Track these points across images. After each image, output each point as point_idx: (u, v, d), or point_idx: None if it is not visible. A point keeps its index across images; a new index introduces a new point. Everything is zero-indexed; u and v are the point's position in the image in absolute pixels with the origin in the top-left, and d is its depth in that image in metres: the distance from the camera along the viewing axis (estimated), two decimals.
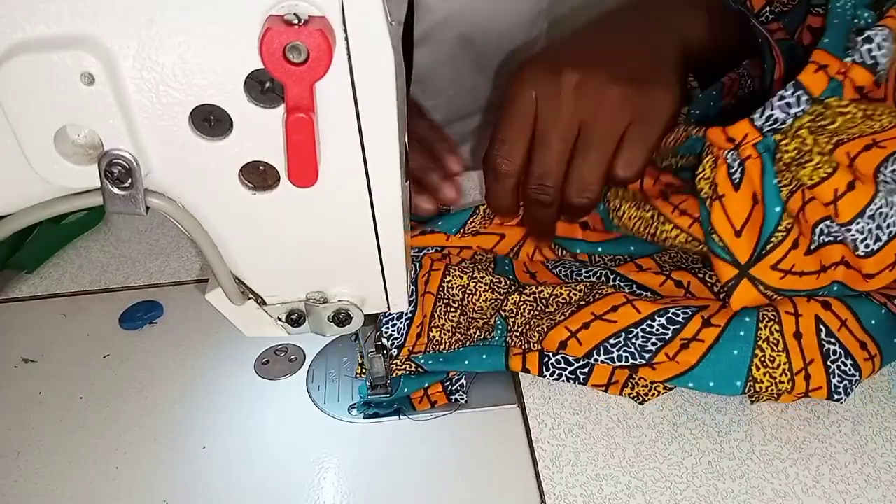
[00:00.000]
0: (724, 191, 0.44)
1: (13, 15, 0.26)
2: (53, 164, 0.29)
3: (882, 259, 0.43)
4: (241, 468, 0.45)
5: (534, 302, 0.50)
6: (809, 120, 0.42)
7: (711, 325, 0.45)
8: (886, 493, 0.41)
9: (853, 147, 0.42)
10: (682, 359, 0.44)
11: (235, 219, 0.33)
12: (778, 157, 0.43)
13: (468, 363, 0.49)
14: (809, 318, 0.45)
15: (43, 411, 0.50)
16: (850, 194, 0.42)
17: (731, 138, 0.43)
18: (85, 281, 0.62)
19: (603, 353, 0.45)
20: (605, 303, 0.47)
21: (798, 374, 0.44)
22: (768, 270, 0.44)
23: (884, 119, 0.41)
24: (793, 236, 0.44)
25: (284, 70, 0.27)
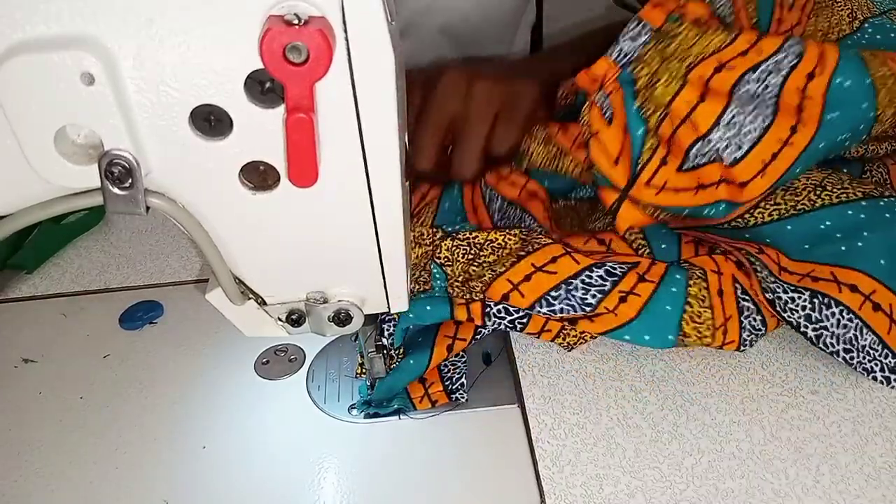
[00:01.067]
0: (598, 127, 0.49)
1: (13, 15, 0.26)
2: (53, 164, 0.29)
3: (749, 166, 0.46)
4: (241, 468, 0.45)
5: (467, 247, 0.51)
6: (653, 45, 0.48)
7: (646, 281, 0.47)
8: (886, 493, 0.41)
9: (704, 70, 0.46)
10: (620, 311, 0.46)
11: (235, 219, 0.33)
12: (637, 88, 0.48)
13: (413, 316, 0.49)
14: (728, 276, 0.49)
15: (43, 411, 0.50)
16: (702, 105, 0.46)
17: (594, 78, 0.49)
18: (85, 281, 0.62)
19: (545, 305, 0.47)
20: (545, 253, 0.49)
21: (718, 329, 0.47)
22: (643, 188, 0.48)
23: (718, 36, 0.46)
24: (660, 154, 0.48)
25: (284, 70, 0.26)
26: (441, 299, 0.50)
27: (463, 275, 0.51)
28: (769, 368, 0.49)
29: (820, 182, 0.50)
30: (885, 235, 0.47)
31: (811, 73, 0.45)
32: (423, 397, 0.49)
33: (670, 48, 0.47)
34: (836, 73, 0.45)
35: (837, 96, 0.45)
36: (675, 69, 0.46)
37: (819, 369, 0.49)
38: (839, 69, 0.45)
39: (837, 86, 0.45)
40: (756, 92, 0.46)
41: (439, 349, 0.49)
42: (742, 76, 0.45)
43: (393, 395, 0.49)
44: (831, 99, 0.45)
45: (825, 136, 0.46)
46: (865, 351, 0.47)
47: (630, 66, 0.48)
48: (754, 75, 0.45)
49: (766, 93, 0.45)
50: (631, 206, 0.49)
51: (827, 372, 0.49)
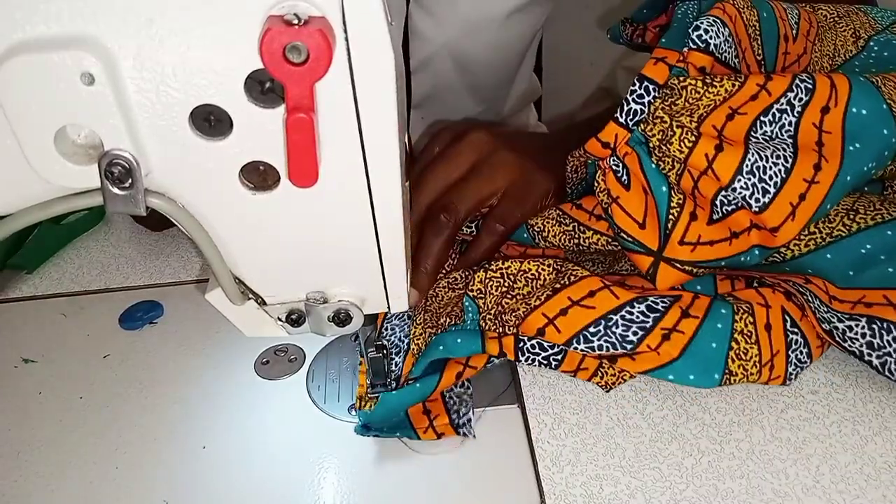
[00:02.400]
0: (618, 193, 0.47)
1: (13, 15, 0.26)
2: (53, 164, 0.29)
3: (778, 210, 0.44)
4: (241, 468, 0.45)
5: (500, 278, 0.49)
6: (661, 101, 0.46)
7: (690, 316, 0.45)
8: (886, 493, 0.41)
9: (716, 119, 0.44)
10: (663, 350, 0.44)
11: (235, 219, 0.33)
12: (652, 147, 0.46)
13: (443, 349, 0.47)
14: (777, 308, 0.46)
15: (43, 411, 0.50)
16: (721, 156, 0.44)
17: (605, 143, 0.47)
18: (85, 281, 0.62)
19: (583, 342, 0.45)
20: (582, 287, 0.47)
21: (765, 366, 0.45)
22: (677, 247, 0.46)
23: (725, 84, 0.44)
24: (688, 209, 0.46)
25: (284, 70, 0.27)
26: (472, 332, 0.48)
27: (496, 307, 0.49)
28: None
29: (851, 206, 0.48)
30: None
31: (825, 107, 0.44)
32: (428, 428, 0.47)
33: (679, 103, 0.45)
34: (851, 102, 0.44)
35: (856, 126, 0.44)
36: (687, 122, 0.45)
37: (819, 369, 0.49)
38: (853, 98, 0.44)
39: (854, 115, 0.44)
40: (772, 133, 0.44)
41: (448, 374, 0.47)
42: (755, 120, 0.44)
43: (394, 422, 0.47)
44: (850, 130, 0.44)
45: (851, 169, 0.44)
46: None
47: (640, 126, 0.46)
48: (767, 117, 0.44)
49: (782, 132, 0.44)
50: (668, 268, 0.47)
51: (827, 372, 0.49)
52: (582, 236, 0.52)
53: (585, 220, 0.52)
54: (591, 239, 0.52)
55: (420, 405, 0.48)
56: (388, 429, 0.46)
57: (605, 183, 0.48)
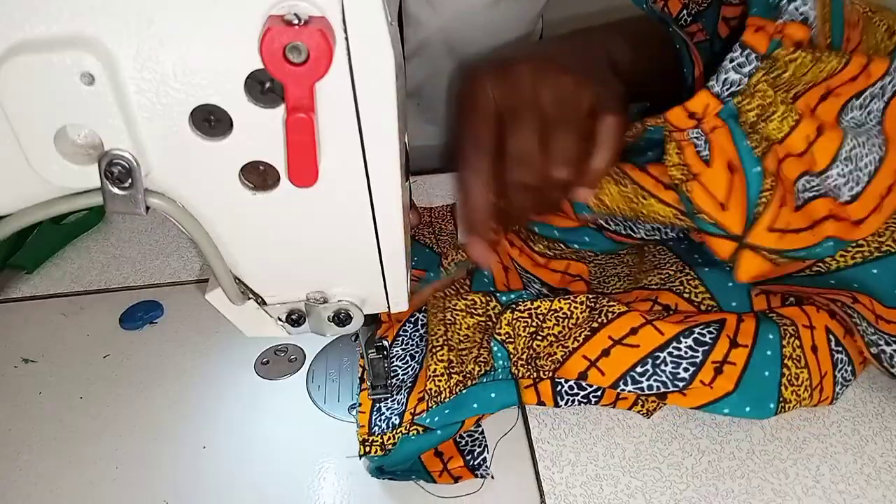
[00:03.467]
0: (698, 170, 0.43)
1: (13, 15, 0.26)
2: (53, 164, 0.29)
3: (867, 202, 0.42)
4: (241, 468, 0.45)
5: (528, 318, 0.46)
6: (764, 73, 0.41)
7: (739, 346, 0.43)
8: (886, 493, 0.41)
9: (811, 98, 0.41)
10: (717, 385, 0.42)
11: (235, 219, 0.33)
12: (742, 121, 0.42)
13: (477, 406, 0.44)
14: (821, 329, 0.45)
15: (43, 411, 0.50)
16: (822, 139, 0.41)
17: (692, 114, 0.42)
18: (85, 281, 0.62)
19: (631, 384, 0.43)
20: (622, 324, 0.44)
21: (815, 389, 0.44)
22: (765, 233, 0.42)
23: (832, 61, 0.41)
24: (779, 194, 0.42)
25: (284, 70, 0.26)
26: (506, 383, 0.45)
27: (527, 351, 0.46)
28: None
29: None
30: None
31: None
32: (443, 472, 0.44)
33: (785, 77, 0.41)
34: None
35: None
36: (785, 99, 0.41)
37: None
38: None
39: None
40: (861, 119, 0.42)
41: (469, 422, 0.45)
42: (847, 103, 0.41)
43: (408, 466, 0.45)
44: None
45: None
46: None
47: (735, 98, 0.42)
48: (858, 101, 0.42)
49: (870, 118, 0.42)
50: (751, 254, 0.43)
51: None
52: (643, 203, 0.47)
53: (650, 187, 0.47)
54: (654, 207, 0.47)
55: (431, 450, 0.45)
56: (401, 472, 0.44)
57: (681, 157, 0.44)
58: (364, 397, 0.48)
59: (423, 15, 0.70)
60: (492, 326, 0.48)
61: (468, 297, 0.49)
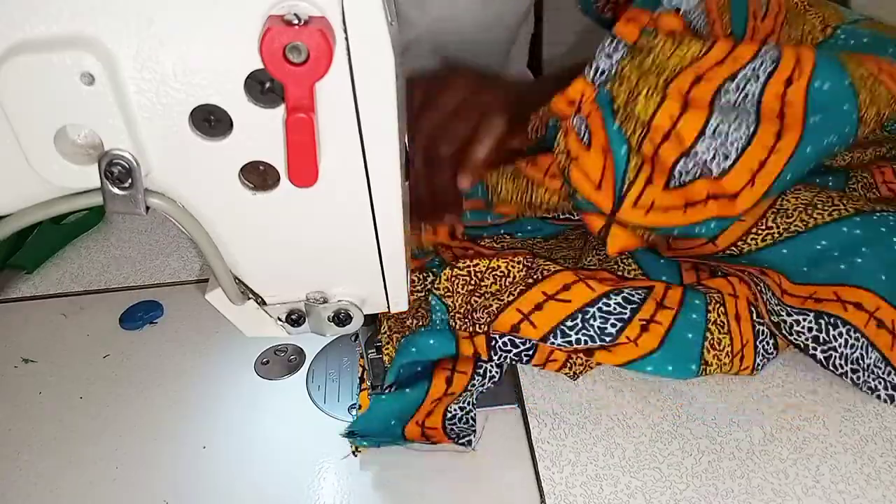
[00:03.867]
0: (577, 153, 0.47)
1: (13, 15, 0.26)
2: (53, 164, 0.29)
3: (738, 176, 0.44)
4: (241, 468, 0.45)
5: (468, 276, 0.49)
6: (629, 60, 0.45)
7: (666, 308, 0.46)
8: (886, 493, 0.41)
9: (682, 83, 0.44)
10: (642, 342, 0.45)
11: (235, 219, 0.33)
12: (616, 107, 0.46)
13: (416, 350, 0.47)
14: (743, 299, 0.48)
15: (43, 411, 0.50)
16: (686, 116, 0.44)
17: (571, 101, 0.47)
18: (85, 281, 0.62)
19: (560, 336, 0.45)
20: (556, 281, 0.46)
21: (736, 356, 0.46)
22: (631, 210, 0.46)
23: (693, 46, 0.44)
24: (645, 174, 0.46)
25: (284, 70, 0.26)
26: (444, 333, 0.48)
27: (465, 306, 0.48)
28: (769, 368, 0.49)
29: (810, 201, 0.49)
30: (882, 250, 0.46)
31: (789, 79, 0.44)
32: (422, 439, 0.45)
33: (647, 62, 0.45)
34: (815, 76, 0.44)
35: (818, 100, 0.44)
36: (654, 83, 0.45)
37: (819, 370, 0.49)
38: (817, 72, 0.44)
39: (817, 89, 0.44)
40: (736, 101, 0.45)
41: (437, 381, 0.46)
42: (721, 86, 0.44)
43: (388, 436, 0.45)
44: (812, 103, 0.44)
45: (811, 141, 0.45)
46: (870, 370, 0.46)
47: (607, 84, 0.46)
48: (733, 84, 0.44)
49: (746, 101, 0.45)
50: (619, 230, 0.47)
51: (826, 372, 0.49)
52: (534, 193, 0.53)
53: (539, 179, 0.53)
54: (543, 197, 0.53)
55: (418, 430, 0.46)
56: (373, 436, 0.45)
57: (565, 143, 0.48)
58: (364, 397, 0.48)
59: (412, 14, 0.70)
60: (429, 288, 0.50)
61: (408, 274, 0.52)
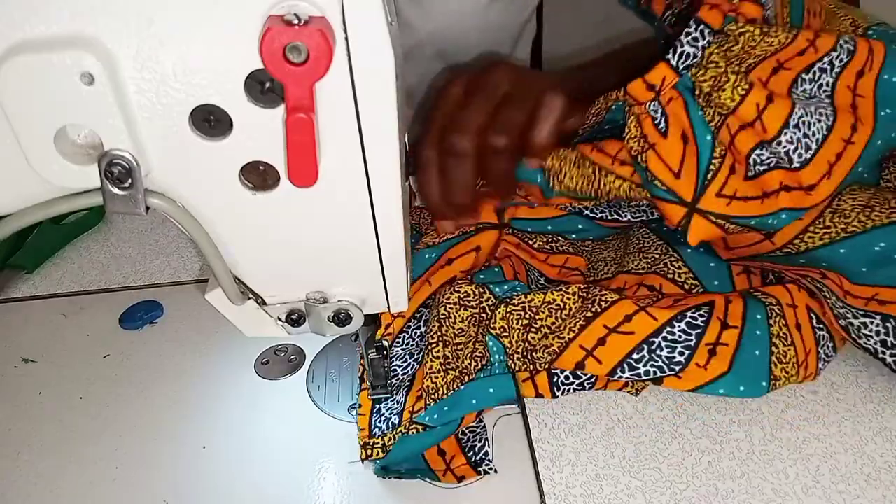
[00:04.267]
0: (655, 140, 0.46)
1: (13, 15, 0.26)
2: (53, 164, 0.29)
3: (817, 168, 0.44)
4: (241, 468, 0.45)
5: (522, 311, 0.47)
6: (717, 46, 0.44)
7: (730, 327, 0.45)
8: (886, 493, 0.41)
9: (762, 72, 0.44)
10: (711, 366, 0.44)
11: (235, 219, 0.33)
12: (698, 93, 0.45)
13: (476, 402, 0.45)
14: (803, 307, 0.47)
15: (43, 411, 0.50)
16: (772, 107, 0.43)
17: (651, 86, 0.45)
18: (85, 281, 0.62)
19: (628, 370, 0.44)
20: (616, 312, 0.45)
21: (801, 365, 0.45)
22: (714, 199, 0.45)
23: (780, 35, 0.44)
24: (728, 161, 0.45)
25: (284, 70, 0.26)
26: (503, 377, 0.46)
27: (522, 345, 0.47)
28: None
29: (867, 203, 0.47)
30: None
31: (861, 71, 0.44)
32: (447, 472, 0.44)
33: (735, 49, 0.44)
34: (884, 69, 0.44)
35: (887, 93, 0.44)
36: (739, 71, 0.44)
37: None
38: (886, 65, 0.44)
39: (885, 82, 0.44)
40: (811, 92, 0.44)
41: (469, 417, 0.45)
42: (797, 76, 0.44)
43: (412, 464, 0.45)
44: (881, 96, 0.44)
45: (882, 134, 0.44)
46: None
47: (691, 70, 0.45)
48: (809, 75, 0.44)
49: (821, 92, 0.44)
50: (701, 219, 0.45)
51: (827, 372, 0.49)
52: (603, 180, 0.50)
53: (608, 165, 0.50)
54: (613, 184, 0.50)
55: (434, 446, 0.46)
56: (406, 471, 0.45)
57: (639, 129, 0.46)
58: (364, 397, 0.48)
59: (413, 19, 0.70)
60: (486, 319, 0.48)
61: (461, 289, 0.50)
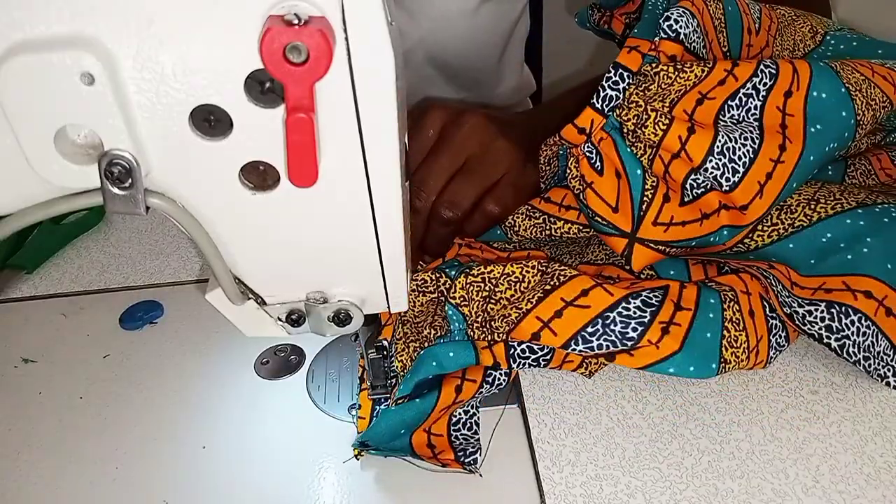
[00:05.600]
0: (591, 178, 0.49)
1: (13, 15, 0.26)
2: (53, 164, 0.29)
3: (747, 189, 0.46)
4: (241, 468, 0.45)
5: (482, 283, 0.48)
6: (635, 87, 0.48)
7: (683, 308, 0.45)
8: (886, 493, 0.41)
9: (687, 104, 0.47)
10: (664, 344, 0.44)
11: (235, 219, 0.33)
12: (625, 132, 0.48)
13: (436, 364, 0.45)
14: (756, 295, 0.48)
15: (43, 411, 0.50)
16: (694, 137, 0.46)
17: (581, 129, 0.49)
18: (85, 281, 0.62)
19: (582, 343, 0.44)
20: (573, 286, 0.46)
21: (752, 351, 0.46)
22: (651, 228, 0.48)
23: (695, 70, 0.47)
24: (661, 191, 0.48)
25: (284, 70, 0.26)
26: (463, 344, 0.47)
27: (482, 314, 0.47)
28: (769, 368, 0.49)
29: (812, 196, 0.50)
30: (886, 239, 0.47)
31: (788, 91, 0.46)
32: (432, 458, 0.45)
33: (652, 88, 0.47)
34: (812, 87, 0.46)
35: (817, 109, 0.46)
36: (660, 108, 0.47)
37: (819, 369, 0.49)
38: (813, 83, 0.46)
39: (815, 99, 0.46)
40: (740, 117, 0.47)
41: (447, 390, 0.45)
42: (723, 104, 0.46)
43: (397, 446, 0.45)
44: (811, 113, 0.46)
45: (813, 150, 0.46)
46: (880, 357, 0.46)
47: (615, 111, 0.48)
48: (734, 101, 0.46)
49: (749, 116, 0.47)
50: (642, 248, 0.48)
51: (827, 372, 0.49)
52: (553, 227, 0.55)
53: (555, 212, 0.55)
54: (563, 228, 0.55)
55: (424, 437, 0.46)
56: (386, 449, 0.45)
57: (578, 169, 0.50)
58: (364, 397, 0.48)
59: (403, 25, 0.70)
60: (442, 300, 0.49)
61: (418, 276, 0.50)
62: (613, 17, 0.62)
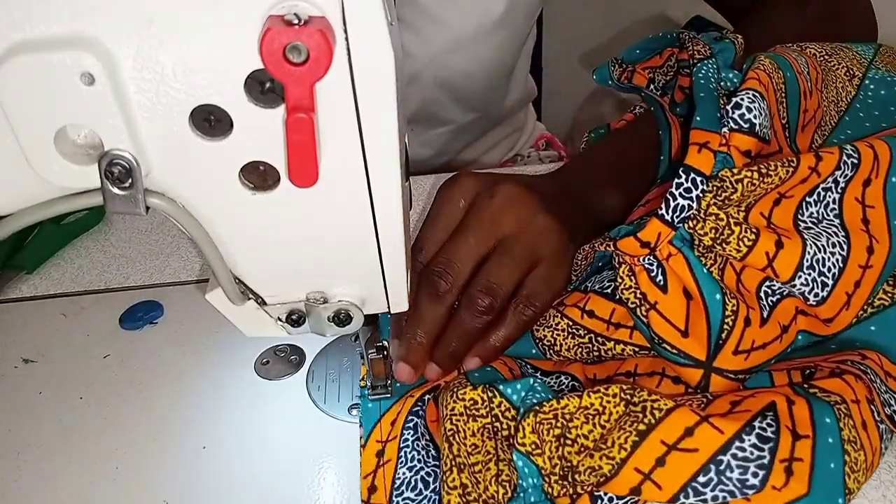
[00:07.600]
0: (655, 297, 0.42)
1: (13, 15, 0.26)
2: (53, 164, 0.29)
3: (835, 303, 0.41)
4: (241, 468, 0.45)
5: (553, 419, 0.39)
6: (713, 196, 0.41)
7: (801, 437, 0.37)
8: (886, 493, 0.41)
9: (763, 206, 0.41)
10: (790, 488, 0.36)
11: (235, 219, 0.33)
12: (697, 243, 0.42)
13: None
14: (864, 402, 0.40)
15: (43, 411, 0.50)
16: (782, 252, 0.40)
17: (645, 243, 0.41)
18: (85, 281, 0.62)
19: (693, 495, 0.36)
20: (674, 424, 0.37)
21: (870, 469, 0.39)
22: (731, 357, 0.41)
23: (780, 171, 0.41)
24: (742, 315, 0.41)
25: (284, 70, 0.26)
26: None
27: (560, 463, 0.38)
28: None
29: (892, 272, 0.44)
30: None
31: (867, 179, 0.41)
32: None
33: (734, 197, 0.40)
34: (891, 171, 0.41)
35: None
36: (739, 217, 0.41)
37: None
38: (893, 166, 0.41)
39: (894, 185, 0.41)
40: (819, 214, 0.42)
41: None
42: (801, 202, 0.42)
43: None
44: (892, 201, 0.41)
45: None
46: None
47: (687, 223, 0.41)
48: (812, 197, 0.42)
49: (828, 211, 0.42)
50: (719, 378, 0.41)
51: None
52: (602, 348, 0.45)
53: (603, 331, 0.45)
54: (614, 350, 0.45)
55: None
56: None
57: (634, 282, 0.42)
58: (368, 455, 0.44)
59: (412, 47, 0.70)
60: (501, 429, 0.41)
61: (466, 396, 0.41)
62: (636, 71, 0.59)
